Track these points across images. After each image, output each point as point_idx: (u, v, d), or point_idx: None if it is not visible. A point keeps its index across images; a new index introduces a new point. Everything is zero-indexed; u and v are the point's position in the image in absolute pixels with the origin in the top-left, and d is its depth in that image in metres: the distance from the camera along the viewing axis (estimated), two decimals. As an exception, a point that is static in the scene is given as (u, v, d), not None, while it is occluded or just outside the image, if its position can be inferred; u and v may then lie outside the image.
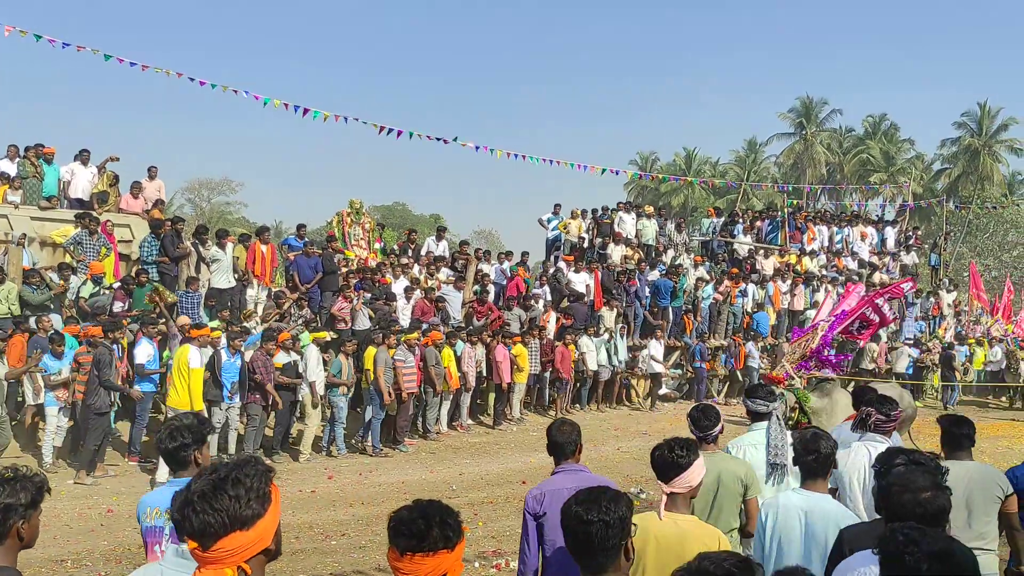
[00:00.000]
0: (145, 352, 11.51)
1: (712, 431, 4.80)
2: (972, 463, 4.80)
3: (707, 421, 4.80)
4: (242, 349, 11.94)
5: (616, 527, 2.67)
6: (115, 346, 11.24)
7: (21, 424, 11.46)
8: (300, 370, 12.49)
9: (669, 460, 3.58)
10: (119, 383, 11.04)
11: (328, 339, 13.45)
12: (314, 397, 12.57)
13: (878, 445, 4.81)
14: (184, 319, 12.59)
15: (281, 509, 2.22)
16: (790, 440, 4.81)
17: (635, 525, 2.85)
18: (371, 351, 13.01)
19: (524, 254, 19.65)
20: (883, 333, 22.42)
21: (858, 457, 4.88)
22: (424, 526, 2.42)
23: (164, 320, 12.75)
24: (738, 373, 19.50)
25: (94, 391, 10.74)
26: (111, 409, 11.15)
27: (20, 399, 11.53)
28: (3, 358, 11.10)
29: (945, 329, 23.92)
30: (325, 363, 12.87)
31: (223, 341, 11.80)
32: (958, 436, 4.99)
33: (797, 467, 4.44)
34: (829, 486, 4.27)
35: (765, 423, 5.15)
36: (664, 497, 3.57)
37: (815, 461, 4.11)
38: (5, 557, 2.73)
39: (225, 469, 2.14)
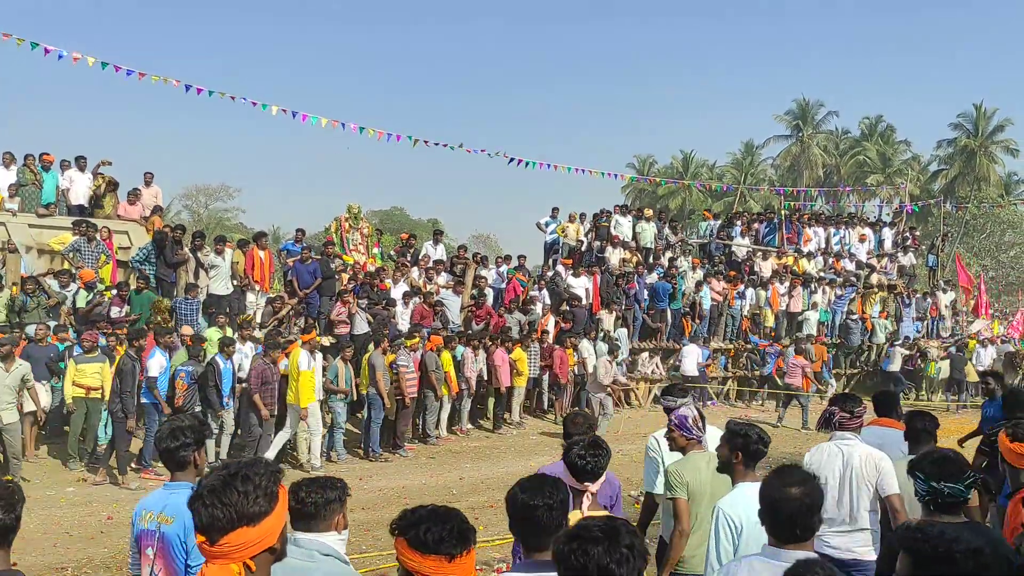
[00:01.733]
0: (158, 364, 11.30)
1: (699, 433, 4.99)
2: None
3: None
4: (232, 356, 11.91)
5: (558, 509, 2.93)
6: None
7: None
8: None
9: (594, 463, 3.90)
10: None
11: (324, 344, 13.42)
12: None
13: (849, 443, 4.87)
14: (187, 329, 12.57)
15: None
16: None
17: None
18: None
19: (521, 257, 19.66)
20: (882, 333, 22.52)
21: (830, 457, 4.91)
22: (446, 528, 2.49)
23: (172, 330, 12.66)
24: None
25: (115, 399, 10.86)
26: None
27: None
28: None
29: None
30: (324, 369, 12.83)
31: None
32: (918, 430, 5.06)
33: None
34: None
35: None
36: (588, 498, 3.86)
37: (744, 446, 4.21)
38: (3, 560, 2.88)
39: (236, 466, 2.20)
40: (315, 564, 2.88)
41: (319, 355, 12.51)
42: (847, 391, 18.81)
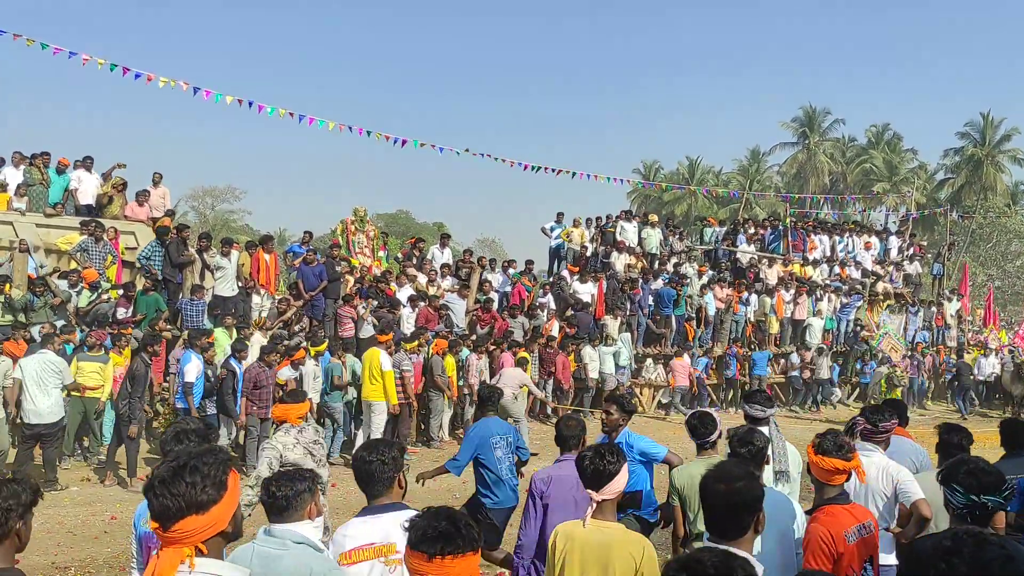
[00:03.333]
0: (195, 368, 11.24)
1: (709, 438, 5.06)
2: None
3: (704, 428, 5.02)
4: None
5: (389, 464, 3.48)
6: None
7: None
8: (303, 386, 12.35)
9: (600, 468, 3.59)
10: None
11: (327, 348, 13.42)
12: (312, 412, 12.27)
13: (870, 454, 4.84)
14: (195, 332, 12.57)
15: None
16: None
17: (407, 464, 3.71)
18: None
19: (528, 263, 19.67)
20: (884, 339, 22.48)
21: None
22: (452, 528, 2.53)
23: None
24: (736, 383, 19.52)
25: (124, 401, 10.86)
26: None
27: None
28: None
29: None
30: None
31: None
32: (950, 444, 5.04)
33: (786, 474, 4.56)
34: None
35: (764, 428, 5.08)
36: (593, 505, 3.59)
37: (749, 454, 4.19)
38: (4, 559, 2.80)
39: (185, 457, 2.32)
40: (287, 551, 3.08)
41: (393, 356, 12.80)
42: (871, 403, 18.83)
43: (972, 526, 3.07)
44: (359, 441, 12.35)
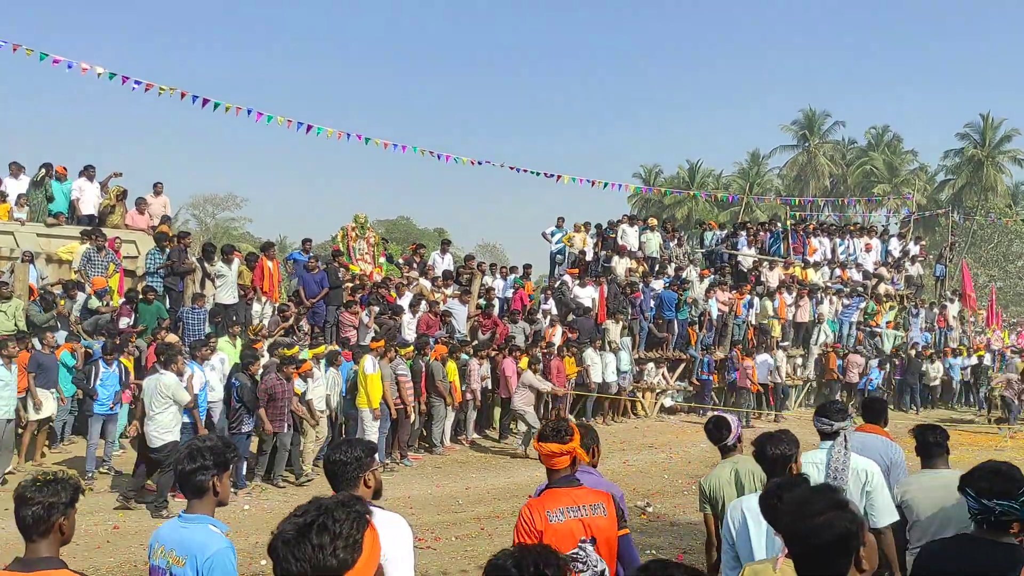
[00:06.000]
0: (198, 381, 10.98)
1: (726, 441, 4.96)
2: (947, 471, 4.76)
3: (719, 433, 4.99)
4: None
5: (352, 464, 3.48)
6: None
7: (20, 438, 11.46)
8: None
9: (775, 505, 3.20)
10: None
11: (327, 352, 13.40)
12: (312, 416, 12.09)
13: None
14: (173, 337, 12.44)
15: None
16: (854, 463, 4.70)
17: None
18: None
19: (527, 267, 19.67)
20: (889, 343, 22.47)
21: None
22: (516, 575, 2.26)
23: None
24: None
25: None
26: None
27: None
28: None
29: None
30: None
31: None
32: (931, 445, 4.97)
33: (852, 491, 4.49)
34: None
35: (831, 443, 4.84)
36: (784, 549, 3.12)
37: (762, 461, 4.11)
38: (49, 550, 3.08)
39: (316, 511, 1.98)
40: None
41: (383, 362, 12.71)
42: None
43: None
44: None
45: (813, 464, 4.79)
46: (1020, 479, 3.35)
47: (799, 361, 21.54)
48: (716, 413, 5.44)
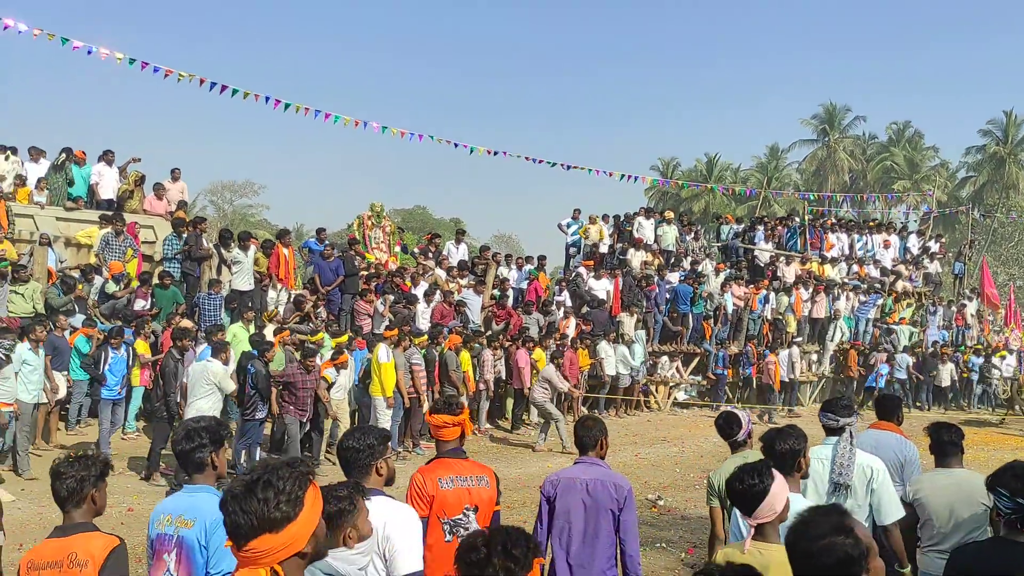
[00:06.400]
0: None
1: (737, 436, 4.99)
2: (960, 471, 4.74)
3: (729, 428, 5.00)
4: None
5: (366, 452, 3.53)
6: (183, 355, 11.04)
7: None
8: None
9: (742, 491, 3.39)
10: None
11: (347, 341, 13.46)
12: (331, 407, 12.16)
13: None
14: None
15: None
16: (860, 459, 4.67)
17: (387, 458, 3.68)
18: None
19: (541, 258, 19.64)
20: (905, 340, 22.29)
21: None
22: (484, 554, 2.37)
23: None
24: (754, 380, 19.39)
25: (158, 400, 10.89)
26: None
27: None
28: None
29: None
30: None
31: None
32: (945, 444, 4.92)
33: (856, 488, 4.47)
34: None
35: (836, 438, 4.82)
36: (751, 530, 3.38)
37: (775, 458, 4.06)
38: (83, 519, 3.46)
39: (260, 471, 2.16)
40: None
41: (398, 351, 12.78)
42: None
43: None
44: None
45: (819, 459, 4.78)
46: None
47: (814, 357, 21.42)
48: (727, 408, 5.43)
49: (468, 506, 4.18)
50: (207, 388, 10.02)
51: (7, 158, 15.36)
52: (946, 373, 21.64)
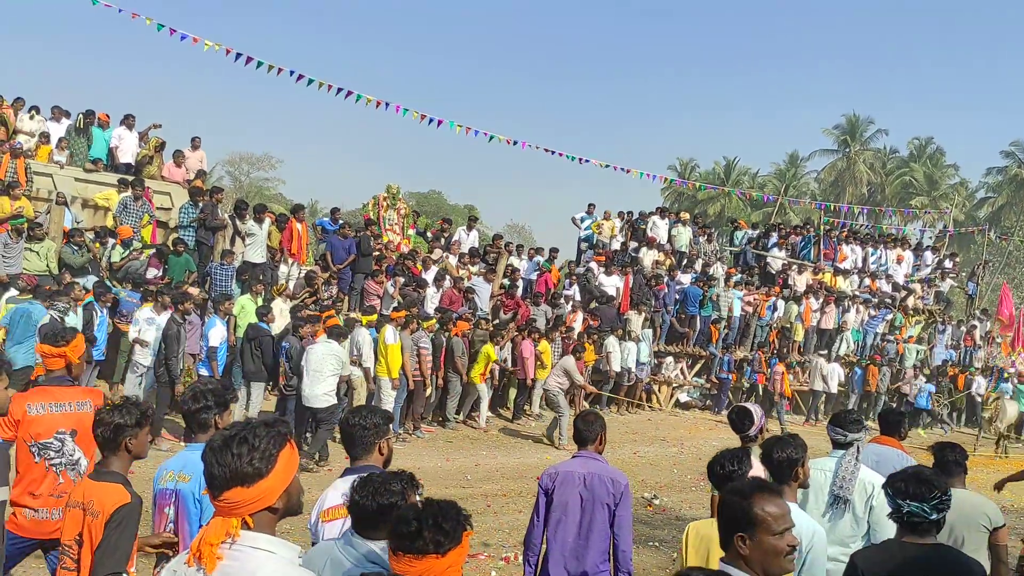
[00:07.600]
0: (219, 334, 11.41)
1: (749, 432, 5.07)
2: (962, 491, 4.73)
3: (741, 424, 5.10)
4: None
5: (371, 430, 3.58)
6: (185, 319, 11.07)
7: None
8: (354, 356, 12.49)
9: (723, 475, 3.72)
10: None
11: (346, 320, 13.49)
12: (368, 383, 12.52)
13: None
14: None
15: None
16: (861, 475, 4.71)
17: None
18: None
19: (553, 251, 19.64)
20: (912, 357, 22.20)
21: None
22: (415, 527, 2.41)
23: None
24: (760, 387, 19.35)
25: (160, 364, 10.96)
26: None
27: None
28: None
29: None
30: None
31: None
32: (949, 463, 4.94)
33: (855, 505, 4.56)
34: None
35: (842, 452, 4.83)
36: None
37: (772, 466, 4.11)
38: (118, 465, 3.74)
39: (238, 428, 2.29)
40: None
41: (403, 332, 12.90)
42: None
43: None
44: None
45: (821, 471, 4.81)
46: (937, 486, 3.50)
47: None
48: (740, 403, 5.47)
49: (63, 430, 4.59)
50: (335, 367, 10.91)
51: (32, 117, 15.47)
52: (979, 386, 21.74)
